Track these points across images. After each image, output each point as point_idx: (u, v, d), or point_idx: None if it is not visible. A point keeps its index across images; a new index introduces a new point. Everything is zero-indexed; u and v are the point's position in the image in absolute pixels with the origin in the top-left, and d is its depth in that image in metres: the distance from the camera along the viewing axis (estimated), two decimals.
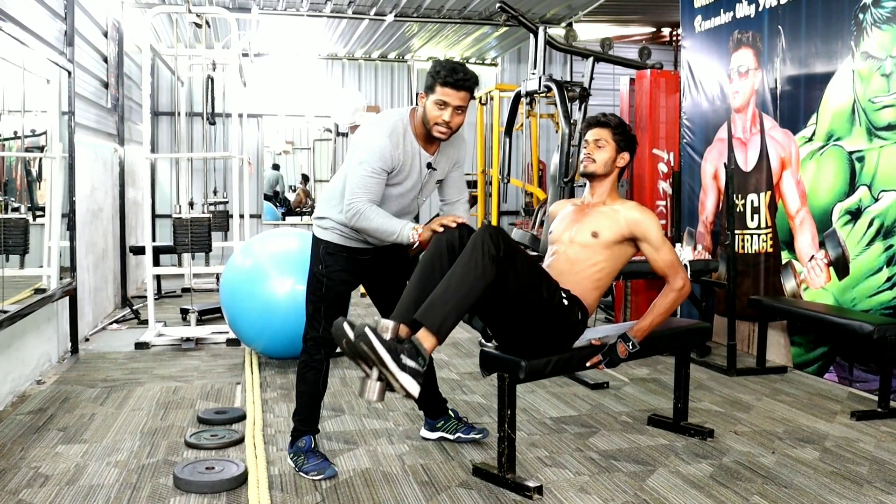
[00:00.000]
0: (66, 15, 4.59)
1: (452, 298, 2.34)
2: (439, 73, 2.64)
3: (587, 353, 2.81)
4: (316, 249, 2.90)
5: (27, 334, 4.01)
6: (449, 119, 2.66)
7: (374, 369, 2.28)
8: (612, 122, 3.00)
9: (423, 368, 2.27)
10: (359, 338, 2.24)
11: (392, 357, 2.23)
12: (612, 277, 2.91)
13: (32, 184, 4.25)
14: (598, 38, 6.24)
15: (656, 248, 2.82)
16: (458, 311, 2.35)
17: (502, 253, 2.39)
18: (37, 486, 2.67)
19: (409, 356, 2.26)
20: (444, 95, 2.63)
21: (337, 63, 9.76)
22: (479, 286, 2.36)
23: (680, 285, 2.83)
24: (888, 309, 3.78)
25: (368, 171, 2.65)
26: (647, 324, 2.84)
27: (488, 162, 7.78)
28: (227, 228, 7.51)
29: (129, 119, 7.09)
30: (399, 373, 2.23)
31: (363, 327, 2.25)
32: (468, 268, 2.36)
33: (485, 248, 2.37)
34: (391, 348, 2.25)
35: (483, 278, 2.36)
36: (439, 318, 2.32)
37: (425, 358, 2.29)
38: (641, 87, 5.55)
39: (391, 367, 2.23)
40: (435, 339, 2.32)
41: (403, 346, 2.28)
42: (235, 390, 4.00)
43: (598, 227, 2.85)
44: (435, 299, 2.35)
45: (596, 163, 2.95)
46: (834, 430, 3.33)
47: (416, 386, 2.24)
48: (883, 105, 3.81)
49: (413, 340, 2.30)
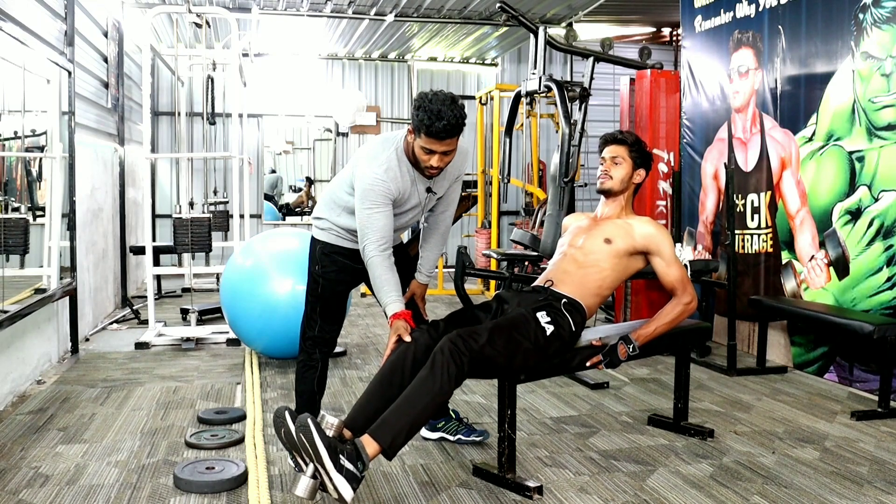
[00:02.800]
0: (66, 15, 4.59)
1: (407, 416, 2.29)
2: (422, 119, 2.49)
3: (587, 353, 2.82)
4: (313, 250, 2.91)
5: (27, 334, 4.01)
6: (437, 163, 2.61)
7: (309, 465, 2.17)
8: (628, 139, 3.03)
9: (360, 474, 2.17)
10: (300, 429, 2.15)
11: (330, 455, 2.13)
12: (613, 288, 2.95)
13: (32, 184, 4.25)
14: (598, 38, 6.25)
15: (668, 263, 2.85)
16: (412, 429, 2.31)
17: (466, 368, 2.37)
18: (37, 486, 2.67)
19: (348, 458, 2.16)
20: (428, 144, 2.55)
21: (337, 63, 9.76)
22: (436, 404, 2.34)
23: (688, 300, 2.86)
24: (888, 309, 3.78)
25: (372, 210, 2.62)
26: (651, 331, 2.85)
27: (488, 162, 7.78)
28: (227, 228, 7.51)
29: (129, 119, 7.09)
30: (335, 473, 2.12)
31: (306, 418, 2.16)
32: (426, 385, 2.33)
33: (445, 367, 2.34)
34: (331, 446, 2.15)
35: (441, 396, 2.35)
36: (390, 435, 2.26)
37: (365, 463, 2.19)
38: (641, 87, 5.55)
39: (327, 465, 2.12)
40: (379, 448, 2.24)
41: (345, 446, 2.19)
42: (235, 390, 4.00)
43: (611, 235, 2.88)
44: (389, 416, 2.29)
45: (613, 179, 2.98)
46: (834, 430, 3.33)
47: (350, 491, 2.13)
48: (883, 105, 3.81)
49: (356, 443, 2.22)
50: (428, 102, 2.50)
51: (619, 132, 3.09)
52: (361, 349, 5.01)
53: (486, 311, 2.80)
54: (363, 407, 2.43)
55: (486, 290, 7.56)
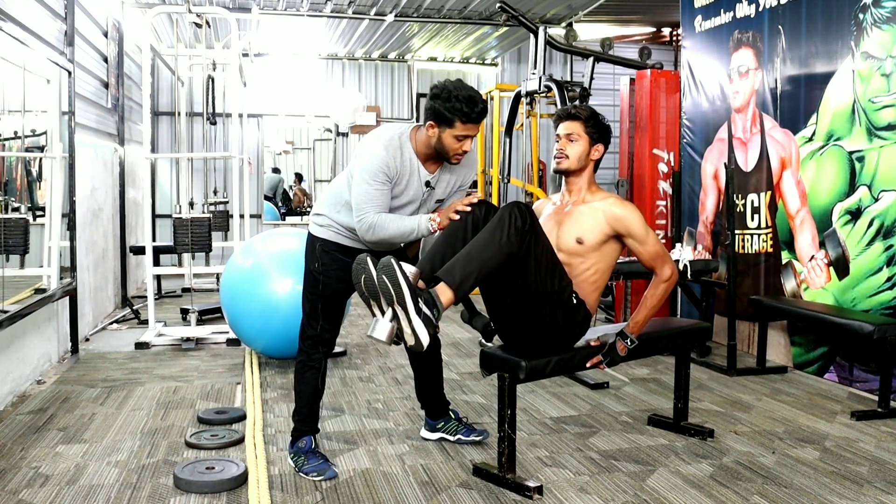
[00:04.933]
0: (66, 15, 4.59)
1: (475, 260, 2.36)
2: (458, 108, 2.56)
3: (587, 353, 2.81)
4: (312, 247, 2.89)
5: (27, 334, 4.01)
6: (468, 148, 2.68)
7: (388, 309, 2.25)
8: (582, 114, 2.87)
9: (436, 319, 2.27)
10: (382, 269, 2.22)
11: (412, 296, 2.21)
12: (608, 274, 2.86)
13: (32, 184, 4.25)
14: (598, 38, 6.25)
15: (641, 241, 2.76)
16: (479, 273, 2.37)
17: (528, 227, 2.41)
18: (37, 486, 2.67)
19: (426, 304, 2.25)
20: (466, 131, 2.61)
21: (337, 63, 9.76)
22: (503, 253, 2.38)
23: (668, 275, 2.80)
24: (888, 309, 3.78)
25: (371, 183, 2.63)
26: (642, 318, 2.83)
27: (488, 162, 7.78)
28: (227, 228, 7.50)
29: (129, 119, 7.09)
30: (414, 316, 2.22)
31: (389, 260, 2.23)
32: (494, 235, 2.39)
33: (512, 219, 2.39)
34: (413, 288, 2.23)
35: (508, 246, 2.38)
36: (460, 275, 2.34)
37: (440, 310, 2.28)
38: (641, 87, 5.55)
39: (409, 306, 2.21)
40: (453, 294, 2.32)
41: (422, 292, 2.27)
42: (235, 390, 4.00)
43: (580, 231, 2.77)
44: (458, 260, 2.38)
45: (569, 158, 2.83)
46: (834, 430, 3.33)
47: (427, 336, 2.24)
48: (883, 105, 3.81)
49: (431, 291, 2.30)
50: (454, 91, 2.59)
51: (573, 106, 2.92)
52: (361, 349, 5.01)
53: None
54: (431, 258, 2.49)
55: None
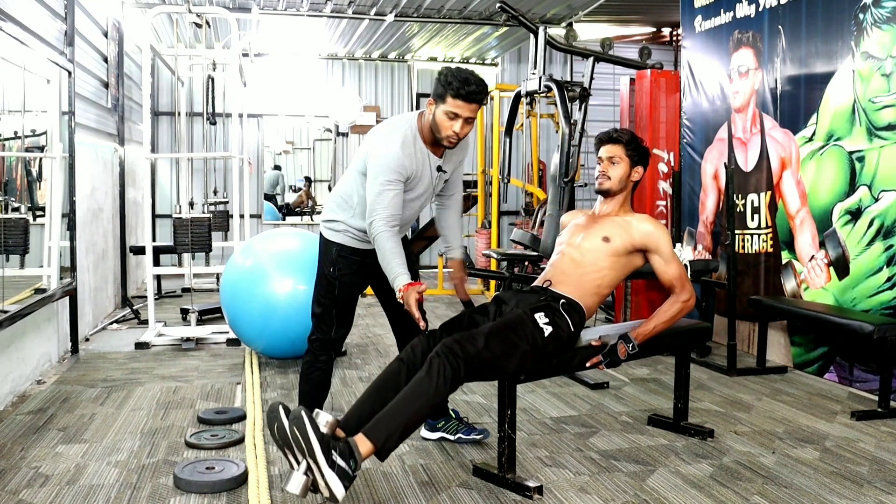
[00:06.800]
0: (66, 15, 4.58)
1: (401, 417, 2.28)
2: (451, 83, 2.60)
3: (587, 353, 2.82)
4: (327, 252, 2.88)
5: (27, 334, 4.01)
6: (459, 130, 2.66)
7: (301, 462, 2.14)
8: (623, 137, 3.01)
9: (353, 473, 2.14)
10: (293, 421, 2.13)
11: (323, 450, 2.10)
12: (613, 287, 2.94)
13: (32, 184, 4.25)
14: (598, 38, 6.24)
15: (666, 261, 2.85)
16: (406, 430, 2.30)
17: (462, 371, 2.37)
18: (37, 486, 2.67)
19: (341, 456, 2.13)
20: (455, 107, 2.62)
21: (337, 63, 9.76)
22: (430, 405, 2.34)
23: (686, 298, 2.86)
24: (888, 309, 3.78)
25: (386, 185, 2.64)
26: (650, 329, 2.85)
27: (488, 162, 7.78)
28: (227, 228, 7.50)
29: (129, 119, 7.09)
30: (327, 469, 2.09)
31: (300, 411, 2.14)
32: (421, 386, 2.33)
33: (441, 369, 2.34)
34: (324, 440, 2.12)
35: (436, 397, 2.34)
36: (384, 434, 2.25)
37: (357, 462, 2.16)
38: (641, 87, 5.55)
39: (320, 459, 2.09)
40: (373, 448, 2.23)
41: (338, 443, 2.16)
42: (235, 390, 4.00)
43: (610, 233, 2.88)
44: (383, 416, 2.29)
45: (611, 180, 2.98)
46: (834, 430, 3.33)
47: (342, 489, 2.10)
48: (883, 105, 3.81)
49: (349, 441, 2.19)
50: (455, 71, 2.63)
51: (614, 130, 3.07)
52: (361, 349, 5.01)
53: (483, 315, 2.79)
54: (358, 409, 2.44)
55: (487, 290, 7.56)
